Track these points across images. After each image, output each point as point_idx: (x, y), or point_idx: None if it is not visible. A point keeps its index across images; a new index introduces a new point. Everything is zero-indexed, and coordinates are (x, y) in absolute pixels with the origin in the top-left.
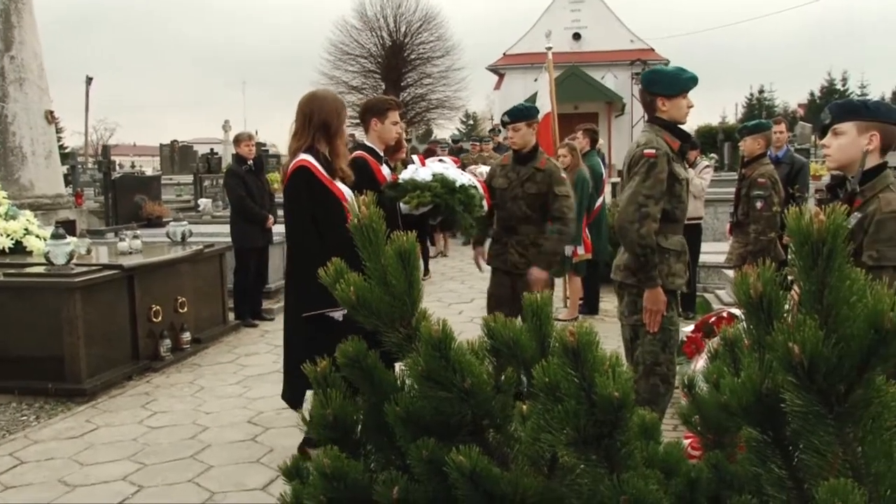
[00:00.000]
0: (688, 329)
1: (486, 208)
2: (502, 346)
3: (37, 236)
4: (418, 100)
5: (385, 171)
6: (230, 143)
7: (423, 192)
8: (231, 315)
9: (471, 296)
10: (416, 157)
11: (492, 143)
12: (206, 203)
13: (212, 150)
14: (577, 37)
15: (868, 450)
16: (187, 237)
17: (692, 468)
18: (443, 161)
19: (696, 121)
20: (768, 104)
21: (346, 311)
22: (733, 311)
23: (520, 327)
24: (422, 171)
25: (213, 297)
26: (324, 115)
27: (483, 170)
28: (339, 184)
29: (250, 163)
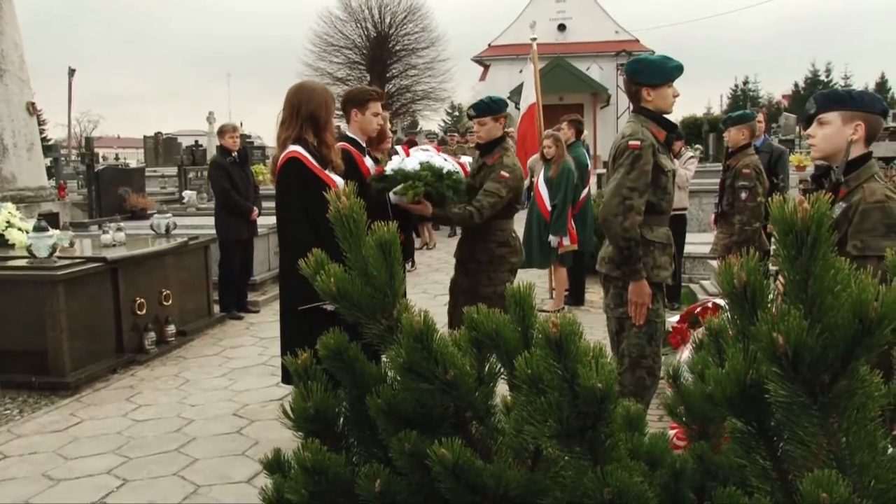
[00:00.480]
0: (673, 320)
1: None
2: (485, 337)
3: (19, 229)
4: (403, 91)
5: (368, 162)
6: (215, 134)
7: (416, 182)
8: (216, 307)
9: None
10: (399, 148)
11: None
12: (191, 195)
13: (196, 142)
14: (562, 28)
15: (852, 440)
16: (171, 229)
17: (677, 459)
18: (426, 150)
19: (680, 112)
20: (753, 95)
21: None
22: (718, 301)
23: (503, 319)
24: (408, 161)
25: (197, 289)
26: (312, 107)
27: (467, 159)
28: (331, 174)
29: (235, 154)
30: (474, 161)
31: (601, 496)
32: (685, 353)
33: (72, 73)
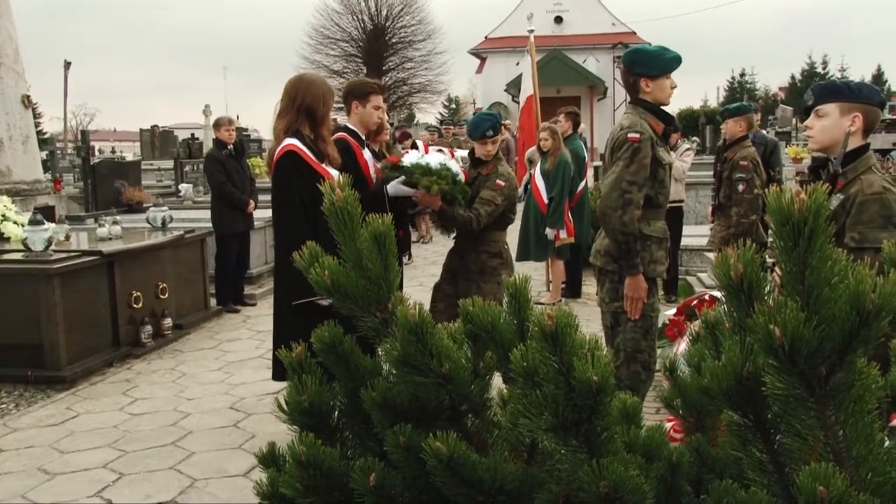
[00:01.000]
0: (670, 312)
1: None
2: (480, 330)
3: (14, 222)
4: (400, 84)
5: (367, 154)
6: (211, 128)
7: (439, 179)
8: (213, 301)
9: None
10: (420, 143)
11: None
12: (187, 188)
13: (192, 135)
14: (558, 20)
15: (849, 433)
16: (168, 223)
17: (673, 452)
18: (442, 151)
19: (677, 104)
20: (749, 87)
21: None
22: (715, 293)
23: (499, 311)
24: (429, 157)
25: (194, 282)
26: (309, 100)
27: (461, 153)
28: (328, 167)
29: (230, 147)
30: (463, 161)
31: (597, 489)
32: (682, 346)
33: (67, 66)
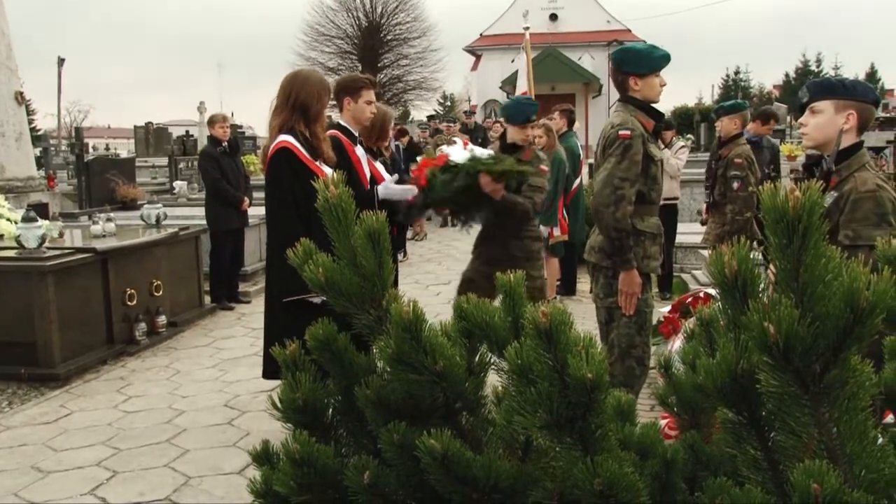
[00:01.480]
0: (665, 310)
1: None
2: (475, 327)
3: (8, 219)
4: (395, 81)
5: (359, 151)
6: (205, 125)
7: (505, 168)
8: (207, 298)
9: (448, 277)
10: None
11: (458, 125)
12: (182, 185)
13: (187, 132)
14: (553, 17)
15: (843, 430)
16: (162, 220)
17: (668, 449)
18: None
19: (672, 101)
20: (744, 85)
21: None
22: (710, 291)
23: (493, 309)
24: (477, 150)
25: (188, 280)
26: (303, 97)
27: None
28: (323, 165)
29: (225, 144)
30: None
31: (591, 486)
32: (677, 343)
33: (61, 62)
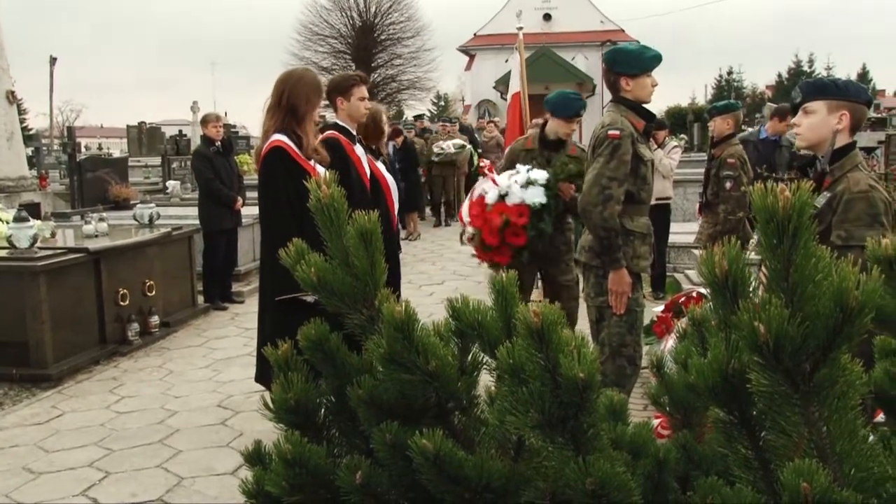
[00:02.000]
0: (658, 309)
1: None
2: (467, 327)
3: None
4: (389, 80)
5: (358, 150)
6: (198, 124)
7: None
8: (200, 298)
9: (442, 277)
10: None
11: (457, 125)
12: (175, 185)
13: (180, 131)
14: (547, 17)
15: (833, 429)
16: (155, 219)
17: (660, 449)
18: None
19: (665, 101)
20: (737, 85)
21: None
22: (702, 291)
23: (485, 308)
24: (520, 174)
25: (181, 280)
26: (293, 98)
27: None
28: (316, 165)
29: (218, 144)
30: (526, 151)
31: (583, 486)
32: (669, 343)
33: (53, 61)
